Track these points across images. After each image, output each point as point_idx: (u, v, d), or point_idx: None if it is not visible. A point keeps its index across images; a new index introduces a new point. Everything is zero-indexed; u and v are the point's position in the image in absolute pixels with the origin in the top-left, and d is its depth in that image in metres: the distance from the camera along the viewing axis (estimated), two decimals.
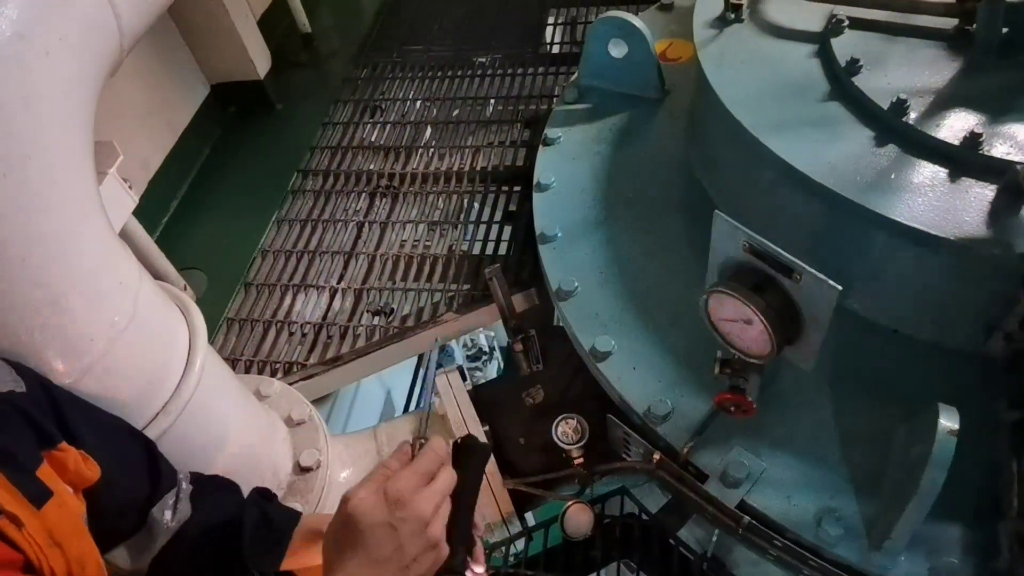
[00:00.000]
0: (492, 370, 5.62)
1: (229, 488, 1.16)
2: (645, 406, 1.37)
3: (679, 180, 1.74)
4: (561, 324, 1.73)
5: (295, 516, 1.16)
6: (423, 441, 0.93)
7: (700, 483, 1.29)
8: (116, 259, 1.10)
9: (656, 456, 1.33)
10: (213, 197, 2.48)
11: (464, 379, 1.73)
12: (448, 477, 0.90)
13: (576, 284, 1.57)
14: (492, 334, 5.82)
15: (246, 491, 1.22)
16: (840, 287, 0.98)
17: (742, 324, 1.12)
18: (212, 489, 1.13)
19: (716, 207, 1.52)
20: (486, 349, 5.68)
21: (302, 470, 1.46)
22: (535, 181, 1.82)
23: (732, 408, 1.22)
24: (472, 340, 5.54)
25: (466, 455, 0.97)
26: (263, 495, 1.20)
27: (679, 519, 1.59)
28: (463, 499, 0.92)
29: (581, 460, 1.47)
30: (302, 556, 1.11)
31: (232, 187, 2.51)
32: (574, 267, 1.62)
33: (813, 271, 1.01)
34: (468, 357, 5.60)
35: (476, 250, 2.04)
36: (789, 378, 1.36)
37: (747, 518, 1.23)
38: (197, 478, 1.13)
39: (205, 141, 2.67)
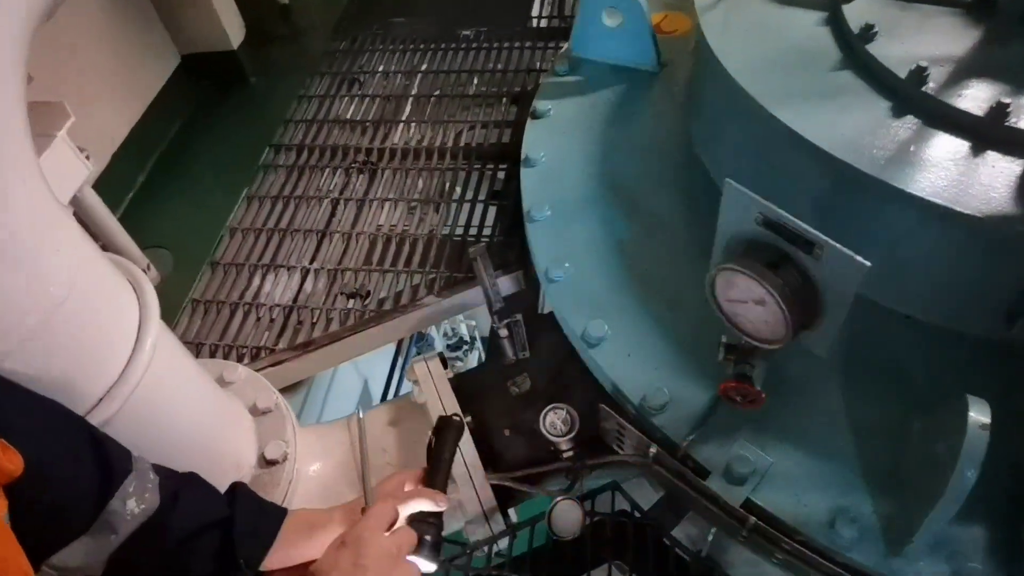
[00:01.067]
0: (473, 360, 5.51)
1: (205, 483, 1.05)
2: (640, 395, 1.27)
3: (677, 156, 1.64)
4: (548, 311, 1.62)
5: (283, 509, 1.05)
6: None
7: (701, 479, 1.19)
8: (53, 226, 0.97)
9: (652, 450, 1.23)
10: (181, 173, 2.34)
11: (445, 366, 1.61)
12: (405, 533, 1.01)
13: (567, 265, 1.46)
14: (473, 323, 5.71)
15: None
16: (868, 263, 0.88)
17: (753, 306, 1.02)
18: (186, 483, 1.01)
19: (718, 185, 1.42)
20: (467, 338, 5.57)
21: (267, 463, 1.34)
22: (523, 156, 1.71)
23: (738, 398, 1.12)
24: (453, 329, 5.42)
25: (445, 429, 1.16)
26: (244, 488, 1.09)
27: (675, 517, 1.49)
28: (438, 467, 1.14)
29: (571, 453, 1.36)
30: (296, 548, 1.00)
31: (202, 162, 2.37)
32: (564, 248, 1.51)
33: (838, 245, 0.91)
34: (449, 346, 5.48)
35: (459, 231, 1.92)
36: (796, 366, 1.27)
37: (753, 518, 1.13)
38: (165, 472, 1.00)
39: (174, 114, 2.52)
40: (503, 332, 1.60)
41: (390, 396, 3.77)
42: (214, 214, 2.13)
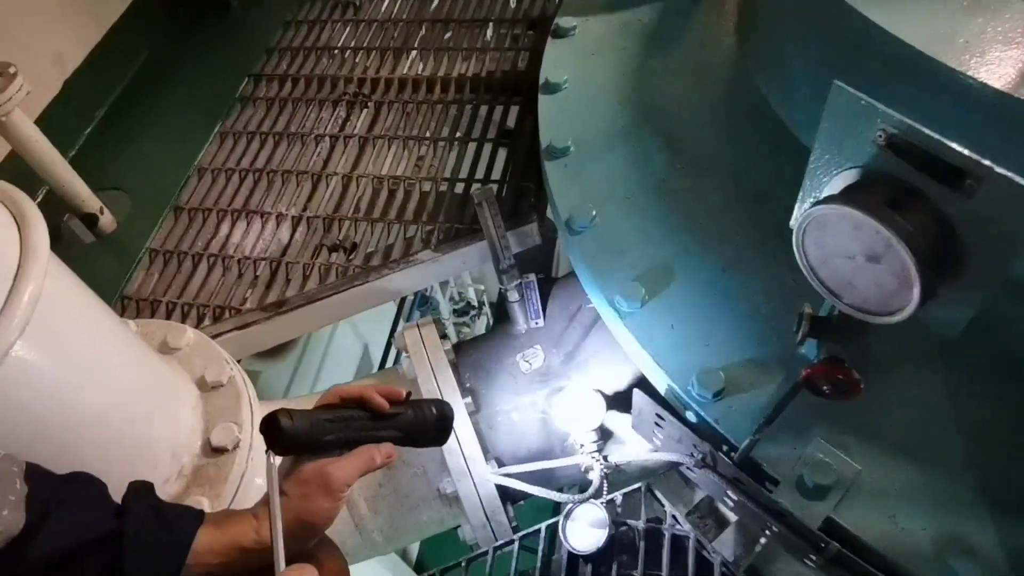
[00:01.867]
0: (481, 328, 5.22)
1: (90, 489, 0.78)
2: (687, 379, 0.99)
3: (728, 83, 1.33)
4: (567, 270, 1.34)
5: (194, 517, 0.78)
6: None
7: (766, 490, 0.91)
8: None
9: (701, 449, 0.95)
10: (147, 106, 2.05)
11: (443, 335, 1.34)
12: None
13: (593, 213, 1.17)
14: (482, 287, 5.41)
15: (123, 484, 0.85)
16: None
17: (863, 263, 0.73)
18: (64, 492, 0.74)
19: (781, 119, 1.12)
20: (475, 303, 5.28)
21: (213, 451, 1.08)
22: (541, 80, 1.41)
23: (826, 388, 0.83)
24: (460, 293, 5.13)
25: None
26: (144, 491, 0.82)
27: (716, 525, 1.22)
28: None
29: (594, 448, 1.09)
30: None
31: (171, 94, 2.07)
32: (590, 192, 1.22)
33: (1010, 174, 0.61)
34: (455, 311, 5.19)
35: (463, 173, 1.62)
36: (885, 346, 0.98)
37: (834, 544, 0.86)
38: (39, 476, 0.74)
39: (141, 40, 2.21)
40: (513, 296, 1.32)
41: (388, 363, 3.49)
42: (180, 151, 1.85)
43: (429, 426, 0.86)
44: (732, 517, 1.24)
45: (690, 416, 1.00)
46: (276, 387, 2.39)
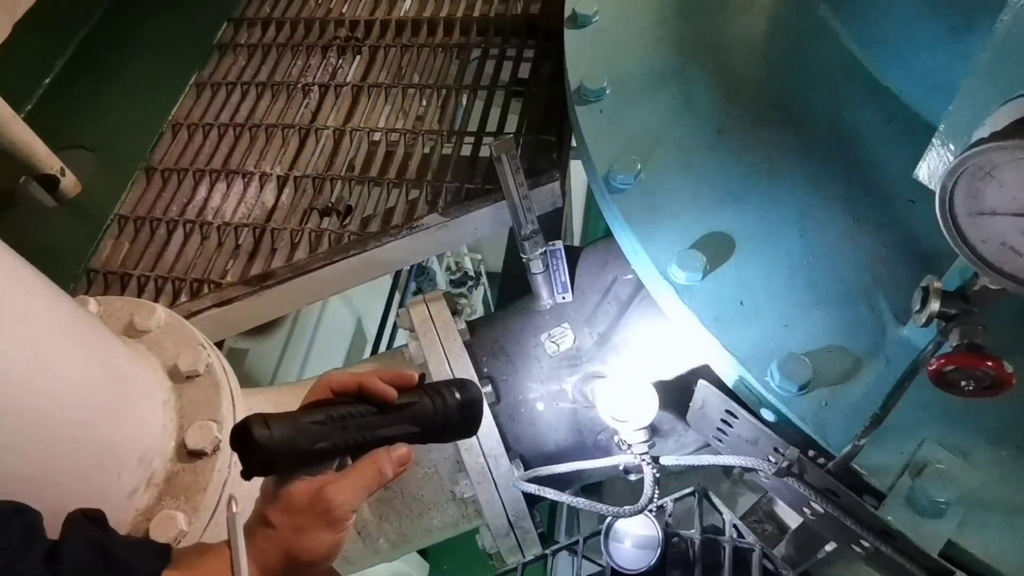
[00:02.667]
0: (478, 300, 5.02)
1: (11, 524, 0.59)
2: (765, 368, 0.81)
3: (796, 14, 1.13)
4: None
5: (155, 557, 0.61)
6: None
7: (869, 505, 0.74)
8: None
9: (786, 453, 0.77)
10: (114, 54, 1.82)
11: (455, 311, 1.15)
12: None
13: (639, 167, 0.97)
14: (479, 256, 5.21)
15: (78, 502, 0.68)
16: None
17: None
18: None
19: (858, 56, 0.92)
20: (472, 273, 5.09)
21: (189, 455, 0.89)
22: (568, 12, 1.20)
23: (966, 383, 0.66)
24: (456, 262, 4.93)
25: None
26: (90, 521, 0.65)
27: (777, 530, 1.06)
28: None
29: (644, 448, 0.91)
30: None
31: (140, 41, 1.84)
32: (633, 142, 1.02)
33: None
34: (452, 282, 4.99)
35: (472, 127, 1.42)
36: (1005, 328, 0.80)
37: (962, 573, 0.69)
38: None
39: None
40: (537, 266, 1.13)
41: (383, 347, 3.29)
42: (152, 105, 1.63)
43: (453, 414, 0.69)
44: (793, 521, 1.08)
45: (766, 414, 0.82)
46: (261, 370, 2.20)
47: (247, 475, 0.59)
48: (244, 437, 0.58)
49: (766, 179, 0.96)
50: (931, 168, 0.66)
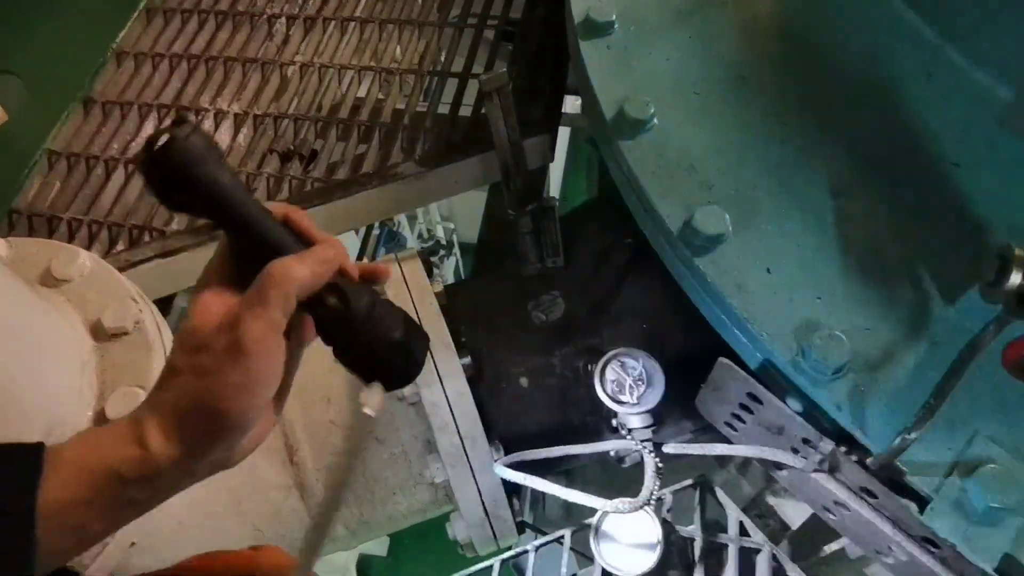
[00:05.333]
0: (449, 269, 4.87)
1: None
2: (793, 345, 0.69)
3: None
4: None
5: (28, 459, 0.46)
6: None
7: (912, 509, 0.63)
8: None
9: (823, 449, 0.66)
10: None
11: (430, 273, 1.02)
12: None
13: (652, 111, 0.84)
14: (451, 225, 5.06)
15: None
16: None
17: None
18: None
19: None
20: (444, 242, 4.93)
21: None
22: None
23: None
24: (429, 229, 4.77)
25: None
26: None
27: (781, 527, 0.96)
28: None
29: (646, 434, 0.80)
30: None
31: None
32: (645, 83, 0.89)
33: None
34: (423, 250, 4.82)
35: (456, 68, 1.27)
36: None
37: None
38: None
39: None
40: (525, 224, 1.00)
41: None
42: (93, 30, 1.46)
43: (381, 343, 0.54)
44: (793, 517, 0.98)
45: (792, 401, 0.71)
46: None
47: (155, 185, 0.47)
48: (152, 148, 0.46)
49: (796, 133, 0.83)
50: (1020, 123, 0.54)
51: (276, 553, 0.69)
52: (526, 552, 0.92)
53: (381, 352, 0.54)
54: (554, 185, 4.02)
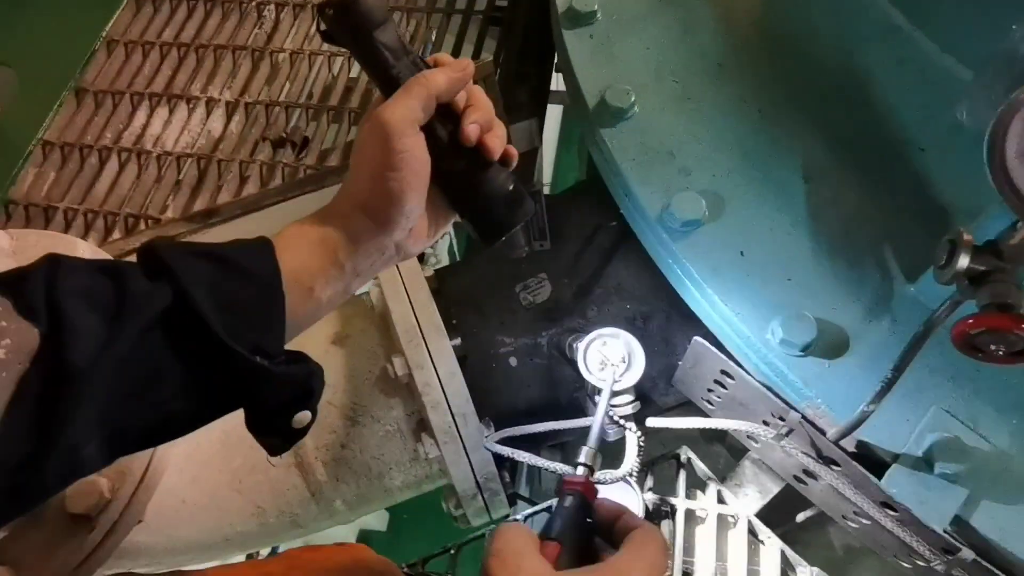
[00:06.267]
0: (443, 251, 4.88)
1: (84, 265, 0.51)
2: (764, 325, 0.73)
3: None
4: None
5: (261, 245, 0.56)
6: None
7: (873, 476, 0.68)
8: None
9: (790, 420, 0.71)
10: None
11: (421, 259, 1.05)
12: None
13: (633, 99, 0.88)
14: None
15: None
16: None
17: None
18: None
19: None
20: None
21: None
22: None
23: (994, 347, 0.59)
24: None
25: None
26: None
27: (760, 495, 1.00)
28: None
29: (629, 411, 0.84)
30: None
31: None
32: (626, 71, 0.92)
33: None
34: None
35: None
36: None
37: (969, 551, 0.64)
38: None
39: None
40: None
41: None
42: (84, 18, 1.47)
43: (488, 189, 0.60)
44: (775, 486, 1.03)
45: (762, 375, 0.75)
46: None
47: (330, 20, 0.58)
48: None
49: (771, 120, 0.87)
50: (976, 108, 0.58)
51: (365, 549, 0.74)
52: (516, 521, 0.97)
53: (486, 193, 0.60)
54: (547, 163, 4.02)
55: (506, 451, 0.86)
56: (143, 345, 0.47)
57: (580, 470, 0.67)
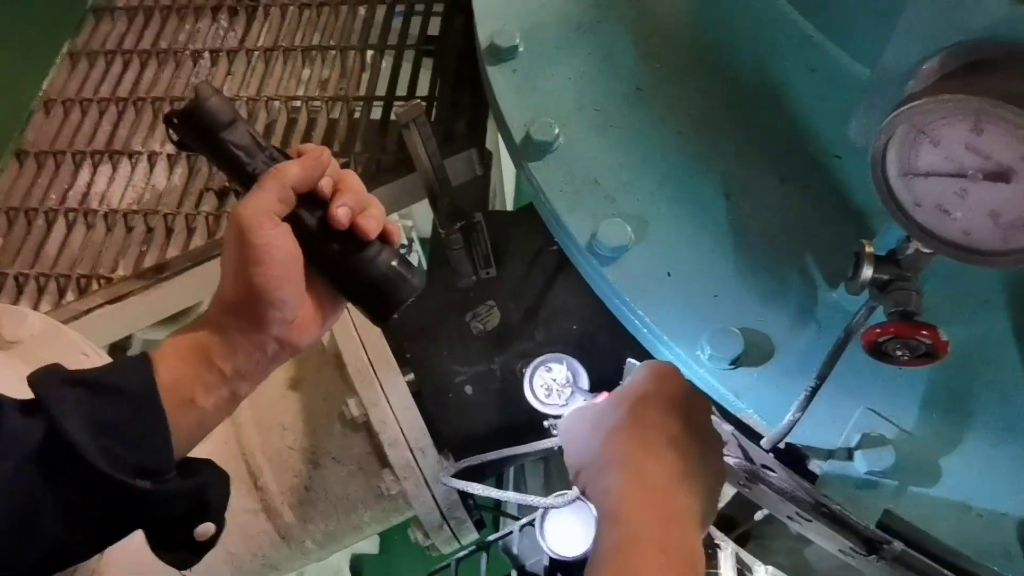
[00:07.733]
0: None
1: None
2: (695, 341, 0.76)
3: None
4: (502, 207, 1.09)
5: (139, 363, 0.56)
6: None
7: (805, 479, 0.71)
8: None
9: (724, 432, 0.74)
10: None
11: None
12: None
13: (557, 131, 0.90)
14: (410, 223, 5.07)
15: None
16: None
17: (975, 182, 0.51)
18: None
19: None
20: (405, 240, 4.95)
21: None
22: None
23: (901, 352, 0.62)
24: None
25: None
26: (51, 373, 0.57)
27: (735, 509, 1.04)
28: None
29: None
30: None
31: (2, 6, 1.64)
32: (549, 103, 0.95)
33: None
34: None
35: (380, 91, 1.32)
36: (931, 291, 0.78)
37: (898, 543, 0.68)
38: None
39: None
40: (456, 242, 1.05)
41: None
42: (19, 80, 1.47)
43: (367, 271, 0.60)
44: (729, 491, 1.06)
45: (699, 386, 0.78)
46: None
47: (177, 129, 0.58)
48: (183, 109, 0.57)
49: (690, 139, 0.90)
50: (862, 125, 0.61)
51: None
52: (480, 551, 0.99)
53: (366, 276, 0.60)
54: (508, 183, 4.07)
55: (461, 485, 0.88)
56: (17, 479, 0.48)
57: None
